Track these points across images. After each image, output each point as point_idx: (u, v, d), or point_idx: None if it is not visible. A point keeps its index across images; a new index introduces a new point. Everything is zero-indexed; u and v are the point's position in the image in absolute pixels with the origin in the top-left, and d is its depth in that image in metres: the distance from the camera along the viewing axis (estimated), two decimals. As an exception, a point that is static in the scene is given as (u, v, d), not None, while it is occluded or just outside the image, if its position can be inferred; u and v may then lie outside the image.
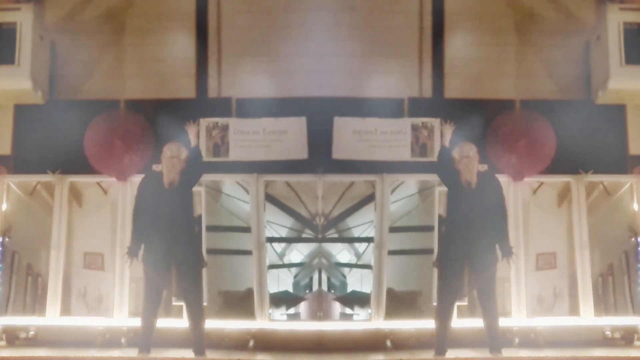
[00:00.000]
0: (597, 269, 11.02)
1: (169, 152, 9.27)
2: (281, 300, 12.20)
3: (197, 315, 9.18)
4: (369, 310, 10.78)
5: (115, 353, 9.38)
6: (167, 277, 9.08)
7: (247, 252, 10.95)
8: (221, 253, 11.53)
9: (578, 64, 11.29)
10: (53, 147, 10.90)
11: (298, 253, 13.77)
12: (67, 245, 10.86)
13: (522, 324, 10.38)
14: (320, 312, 11.42)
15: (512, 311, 10.54)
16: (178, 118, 10.91)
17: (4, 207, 10.73)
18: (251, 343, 10.22)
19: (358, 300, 12.36)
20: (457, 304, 9.61)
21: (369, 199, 11.46)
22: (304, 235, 12.68)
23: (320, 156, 10.89)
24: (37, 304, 10.88)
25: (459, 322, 10.08)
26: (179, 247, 9.12)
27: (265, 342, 10.24)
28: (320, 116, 10.95)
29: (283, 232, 12.89)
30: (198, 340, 9.15)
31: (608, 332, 10.36)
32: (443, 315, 9.19)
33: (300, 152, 10.96)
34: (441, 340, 9.16)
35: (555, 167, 10.85)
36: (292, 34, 11.29)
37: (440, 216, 10.35)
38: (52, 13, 11.31)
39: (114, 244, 10.83)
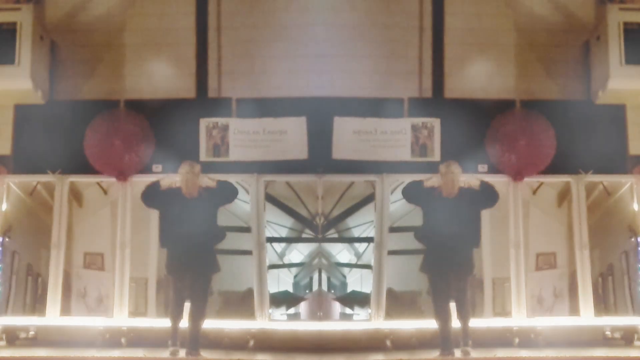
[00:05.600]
0: (597, 269, 11.03)
1: (183, 170, 9.23)
2: (281, 300, 12.21)
3: (199, 316, 9.14)
4: (369, 310, 10.78)
5: (115, 353, 9.37)
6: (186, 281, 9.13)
7: (247, 252, 10.95)
8: (221, 253, 11.49)
9: (578, 64, 11.29)
10: (53, 147, 10.90)
11: (298, 253, 13.77)
12: (67, 245, 10.87)
13: (522, 324, 10.38)
14: (320, 312, 11.42)
15: (512, 311, 10.55)
16: (178, 118, 10.97)
17: (4, 207, 10.72)
18: (251, 343, 10.21)
19: (358, 300, 12.36)
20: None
21: (369, 199, 11.46)
22: (304, 235, 12.68)
23: (320, 156, 10.89)
24: (37, 304, 10.90)
25: (456, 323, 10.05)
26: (199, 253, 9.15)
27: (265, 342, 10.24)
28: (320, 116, 10.95)
29: (283, 232, 12.89)
30: (194, 340, 9.09)
31: (608, 332, 10.35)
32: (440, 316, 9.16)
33: (300, 152, 10.95)
34: (445, 340, 9.09)
35: (555, 167, 10.84)
36: (292, 34, 11.29)
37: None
38: (52, 13, 11.31)
39: (114, 244, 10.83)
